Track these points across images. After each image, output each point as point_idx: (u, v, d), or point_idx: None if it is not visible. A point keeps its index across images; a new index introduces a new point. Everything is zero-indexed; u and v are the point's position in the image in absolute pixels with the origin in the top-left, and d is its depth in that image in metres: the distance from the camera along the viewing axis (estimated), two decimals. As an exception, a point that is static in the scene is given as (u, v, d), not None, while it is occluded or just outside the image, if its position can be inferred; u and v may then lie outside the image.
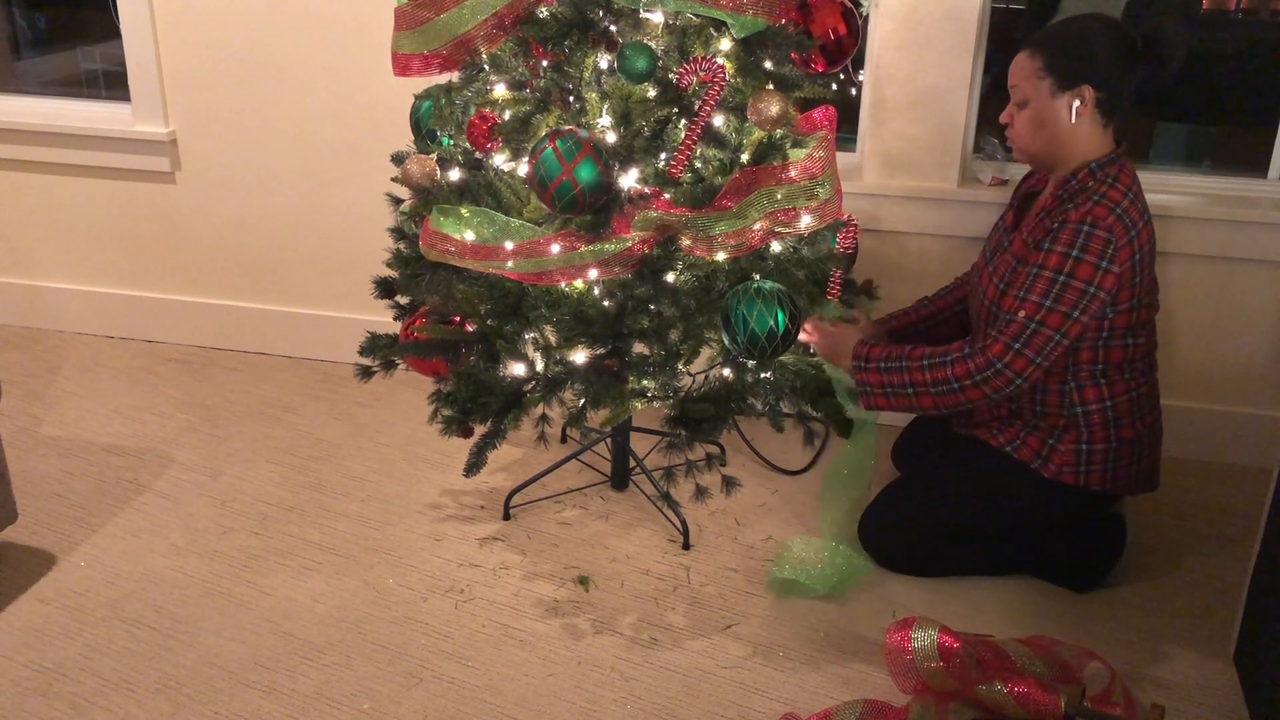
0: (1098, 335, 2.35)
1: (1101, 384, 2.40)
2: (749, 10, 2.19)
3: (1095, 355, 2.38)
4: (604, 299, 2.32)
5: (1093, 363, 2.38)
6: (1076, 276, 2.23)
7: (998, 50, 3.11)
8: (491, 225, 2.29)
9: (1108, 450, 2.42)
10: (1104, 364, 2.39)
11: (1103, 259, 2.23)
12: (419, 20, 2.33)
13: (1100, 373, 2.39)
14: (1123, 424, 2.42)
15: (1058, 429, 2.43)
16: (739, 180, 2.22)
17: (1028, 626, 2.45)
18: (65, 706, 2.18)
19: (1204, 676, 2.32)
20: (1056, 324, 2.25)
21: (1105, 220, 2.23)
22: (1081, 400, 2.40)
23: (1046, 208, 2.37)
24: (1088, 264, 2.23)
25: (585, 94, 2.26)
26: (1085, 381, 2.40)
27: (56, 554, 2.64)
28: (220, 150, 3.51)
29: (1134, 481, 2.48)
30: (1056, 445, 2.43)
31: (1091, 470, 2.43)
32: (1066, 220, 2.25)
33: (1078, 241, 2.22)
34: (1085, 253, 2.22)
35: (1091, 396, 2.40)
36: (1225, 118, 3.90)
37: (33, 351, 3.71)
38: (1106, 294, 2.26)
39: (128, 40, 3.44)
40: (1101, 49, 2.29)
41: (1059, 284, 2.24)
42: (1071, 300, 2.24)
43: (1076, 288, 2.23)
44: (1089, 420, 2.41)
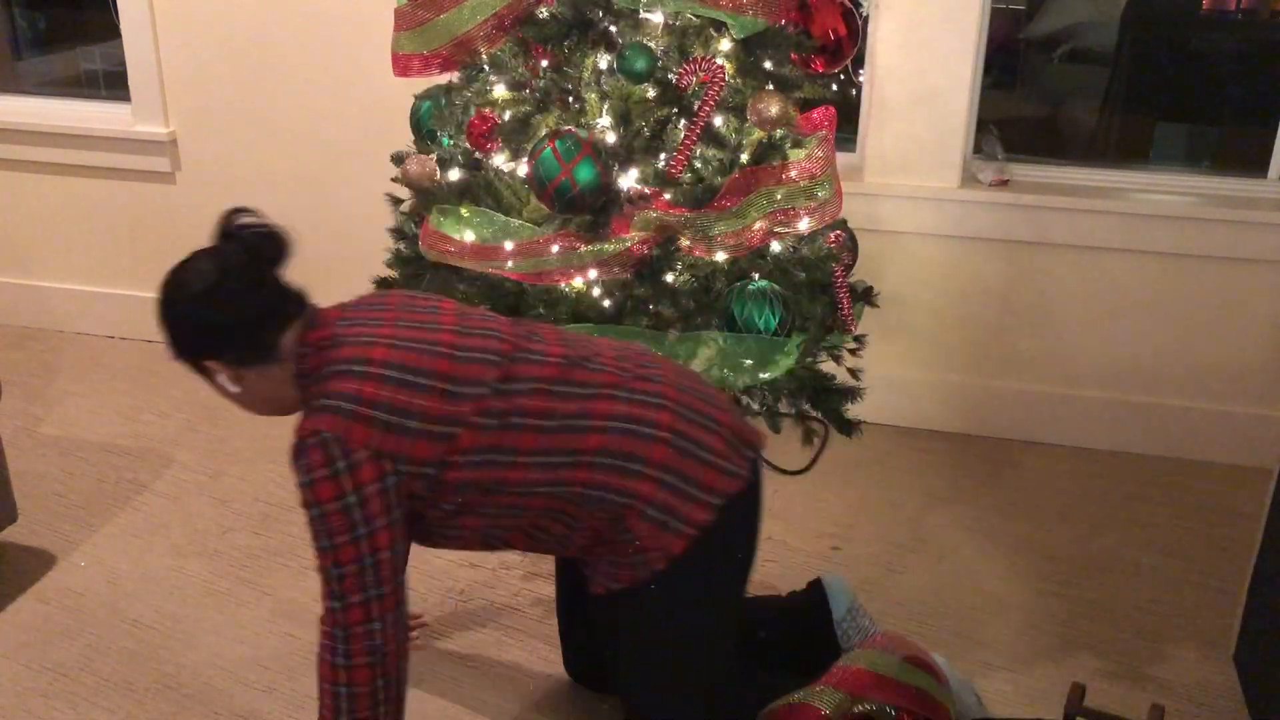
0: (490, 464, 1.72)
1: (563, 470, 1.75)
2: (749, 10, 2.18)
3: (515, 473, 1.74)
4: (603, 299, 2.32)
5: (526, 478, 1.74)
6: (321, 501, 1.64)
7: (998, 50, 3.12)
8: (491, 225, 2.28)
9: (656, 490, 1.77)
10: (541, 448, 1.74)
11: (333, 465, 1.64)
12: (419, 20, 2.33)
13: (545, 465, 1.75)
14: (632, 461, 1.76)
15: (608, 524, 1.80)
16: (739, 180, 2.22)
17: (1026, 626, 2.45)
18: (65, 706, 2.18)
19: (1204, 676, 2.32)
20: (351, 555, 1.65)
21: (322, 423, 1.65)
22: (578, 496, 1.77)
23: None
24: (323, 482, 1.64)
25: (585, 94, 2.26)
26: (551, 485, 1.76)
27: (56, 554, 2.64)
28: (220, 150, 3.51)
29: (728, 469, 1.82)
30: (630, 536, 1.79)
31: (674, 517, 1.78)
32: (293, 448, 1.69)
33: (300, 464, 1.65)
34: (312, 473, 1.64)
35: (585, 480, 1.75)
36: (1225, 118, 3.90)
37: (33, 351, 3.71)
38: (380, 484, 1.66)
39: (128, 40, 3.44)
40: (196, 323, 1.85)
41: (316, 519, 1.65)
42: (340, 524, 1.64)
43: (333, 510, 1.64)
44: (604, 498, 1.77)
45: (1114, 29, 4.06)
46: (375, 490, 1.65)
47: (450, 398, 1.69)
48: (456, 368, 1.72)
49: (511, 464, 1.73)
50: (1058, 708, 2.19)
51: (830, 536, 2.78)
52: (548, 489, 1.75)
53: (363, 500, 1.64)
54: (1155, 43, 4.00)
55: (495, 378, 1.73)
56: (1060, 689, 2.25)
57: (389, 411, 1.66)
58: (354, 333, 1.75)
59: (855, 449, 3.14)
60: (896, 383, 3.26)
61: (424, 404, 1.68)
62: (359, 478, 1.64)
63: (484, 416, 1.71)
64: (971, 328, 3.20)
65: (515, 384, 1.75)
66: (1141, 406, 3.16)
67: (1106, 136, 4.07)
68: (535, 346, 1.81)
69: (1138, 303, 3.08)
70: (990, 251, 3.11)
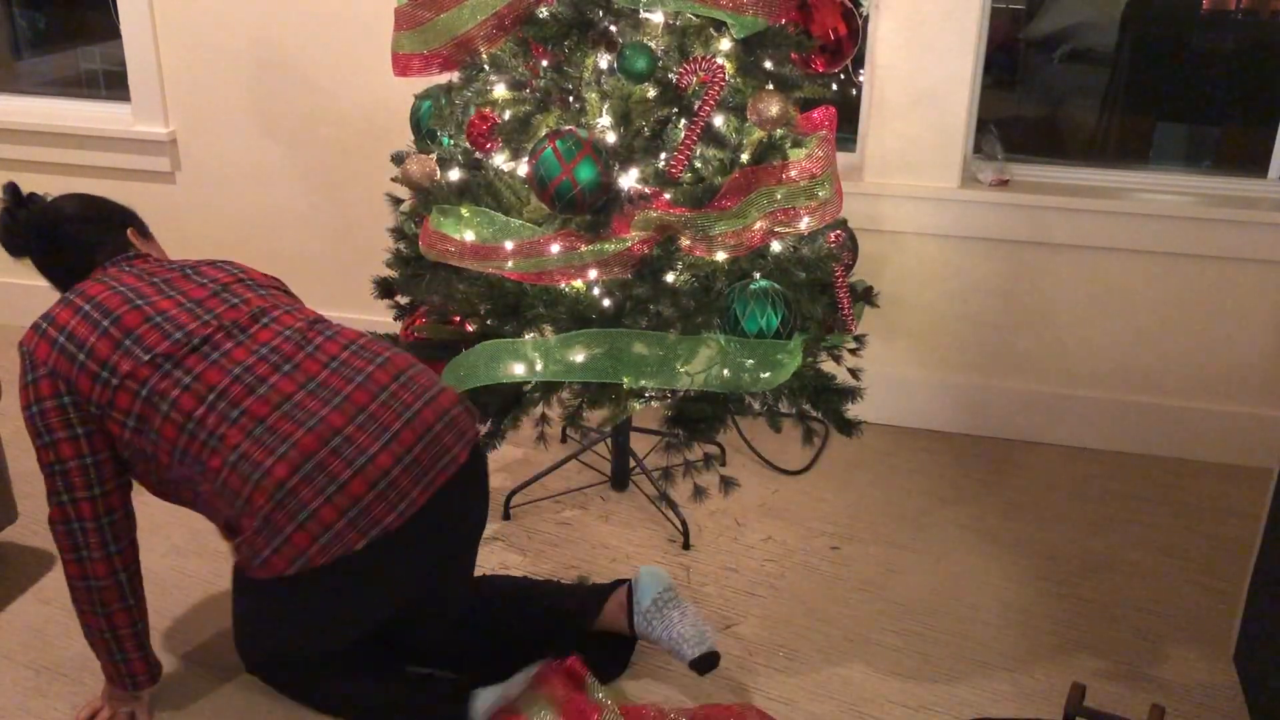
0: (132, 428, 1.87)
1: (195, 474, 1.88)
2: (749, 10, 2.18)
3: (157, 442, 1.87)
4: (603, 299, 2.32)
5: (172, 451, 1.87)
6: (21, 407, 1.91)
7: (998, 50, 3.12)
8: (491, 225, 2.28)
9: (252, 528, 1.86)
10: (179, 447, 1.86)
11: (25, 376, 1.89)
12: (419, 20, 2.33)
13: (180, 462, 1.87)
14: (238, 497, 1.84)
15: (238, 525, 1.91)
16: (739, 180, 2.22)
17: (1026, 627, 2.45)
18: (65, 706, 2.18)
19: (1204, 676, 2.32)
20: (43, 460, 1.91)
21: (26, 338, 1.92)
22: (206, 496, 1.91)
23: None
24: (20, 390, 1.91)
25: (585, 94, 2.26)
26: (185, 480, 1.91)
27: (56, 554, 2.63)
28: (220, 150, 3.51)
29: (333, 544, 1.84)
30: (248, 541, 1.89)
31: (261, 557, 1.86)
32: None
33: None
34: (15, 382, 1.91)
35: (207, 492, 1.89)
36: (1225, 118, 3.90)
37: (33, 351, 3.71)
38: (56, 401, 1.87)
39: (128, 40, 3.44)
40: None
41: (25, 422, 1.91)
42: (31, 430, 1.90)
43: (26, 417, 1.90)
44: (221, 509, 1.92)
45: (1114, 29, 4.05)
46: (51, 405, 1.86)
47: (118, 349, 1.84)
48: (139, 326, 1.85)
49: (155, 444, 1.85)
50: (1058, 708, 2.19)
51: (830, 536, 2.78)
52: (185, 482, 1.90)
53: (42, 412, 1.87)
54: (1155, 43, 4.00)
55: (163, 351, 1.84)
56: (1060, 689, 2.25)
57: (67, 339, 1.87)
58: (113, 273, 1.97)
59: (855, 449, 3.14)
60: (896, 383, 3.27)
61: (95, 343, 1.85)
62: (39, 391, 1.87)
63: (134, 382, 1.83)
64: (971, 328, 3.20)
65: (179, 371, 1.84)
66: (1141, 406, 3.16)
67: (1106, 136, 4.07)
68: (237, 349, 1.88)
69: (1138, 303, 3.08)
70: (990, 251, 3.11)
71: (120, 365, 1.84)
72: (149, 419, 1.85)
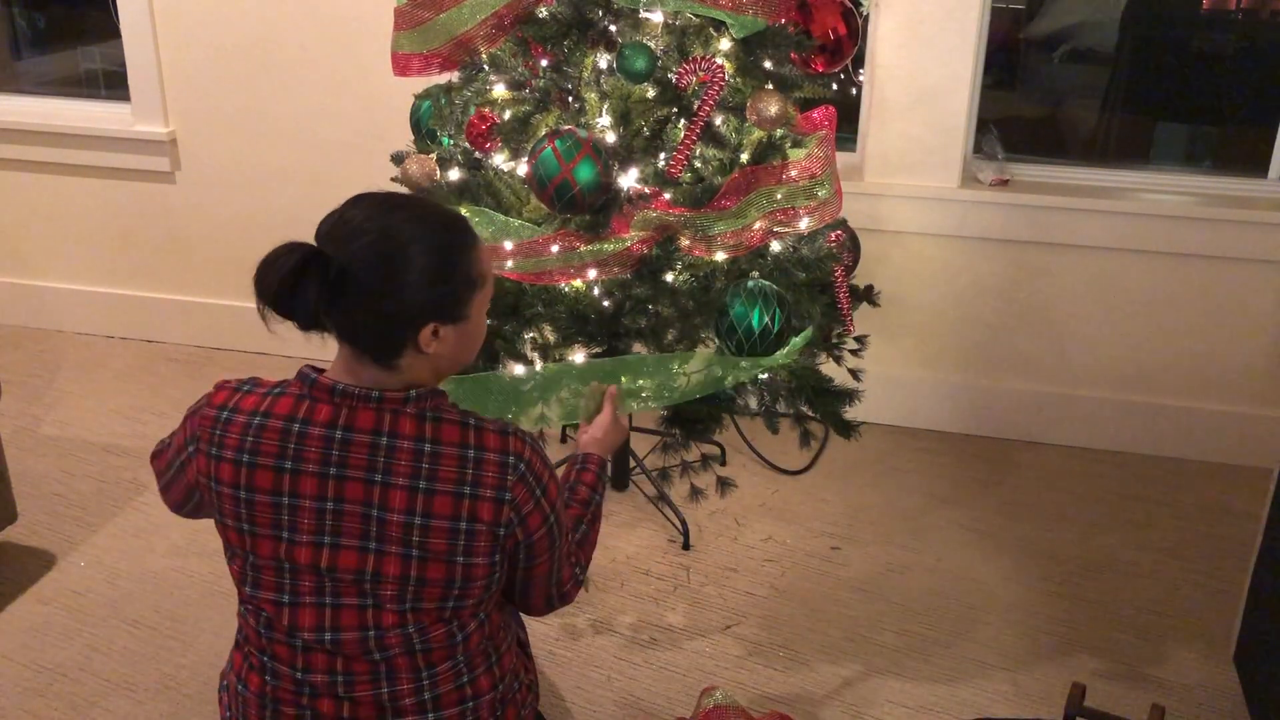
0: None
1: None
2: (749, 10, 2.18)
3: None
4: (603, 299, 2.32)
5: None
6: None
7: (998, 50, 3.12)
8: (491, 225, 2.28)
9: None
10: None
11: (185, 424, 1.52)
12: (419, 20, 2.33)
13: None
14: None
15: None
16: (738, 180, 2.22)
17: (1026, 627, 2.45)
18: (65, 706, 2.18)
19: (1204, 676, 2.32)
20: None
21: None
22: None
23: None
24: (180, 426, 1.56)
25: (584, 94, 2.26)
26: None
27: (56, 554, 2.64)
28: (220, 150, 3.51)
29: None
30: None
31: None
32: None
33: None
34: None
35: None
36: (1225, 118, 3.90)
37: (33, 351, 3.71)
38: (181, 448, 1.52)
39: (128, 40, 3.43)
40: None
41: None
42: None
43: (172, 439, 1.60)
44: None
45: (1114, 29, 4.05)
46: (177, 445, 1.55)
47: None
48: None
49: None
50: (1058, 708, 2.19)
51: (830, 536, 2.78)
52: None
53: (171, 443, 1.58)
54: (1155, 43, 4.00)
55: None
56: (1060, 689, 2.25)
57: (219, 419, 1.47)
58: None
59: (855, 449, 3.14)
60: (896, 383, 3.26)
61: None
62: (182, 430, 1.53)
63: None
64: (971, 328, 3.20)
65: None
66: (1141, 406, 3.16)
67: (1106, 136, 4.07)
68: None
69: (1138, 303, 3.08)
70: (990, 251, 3.11)
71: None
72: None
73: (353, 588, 1.42)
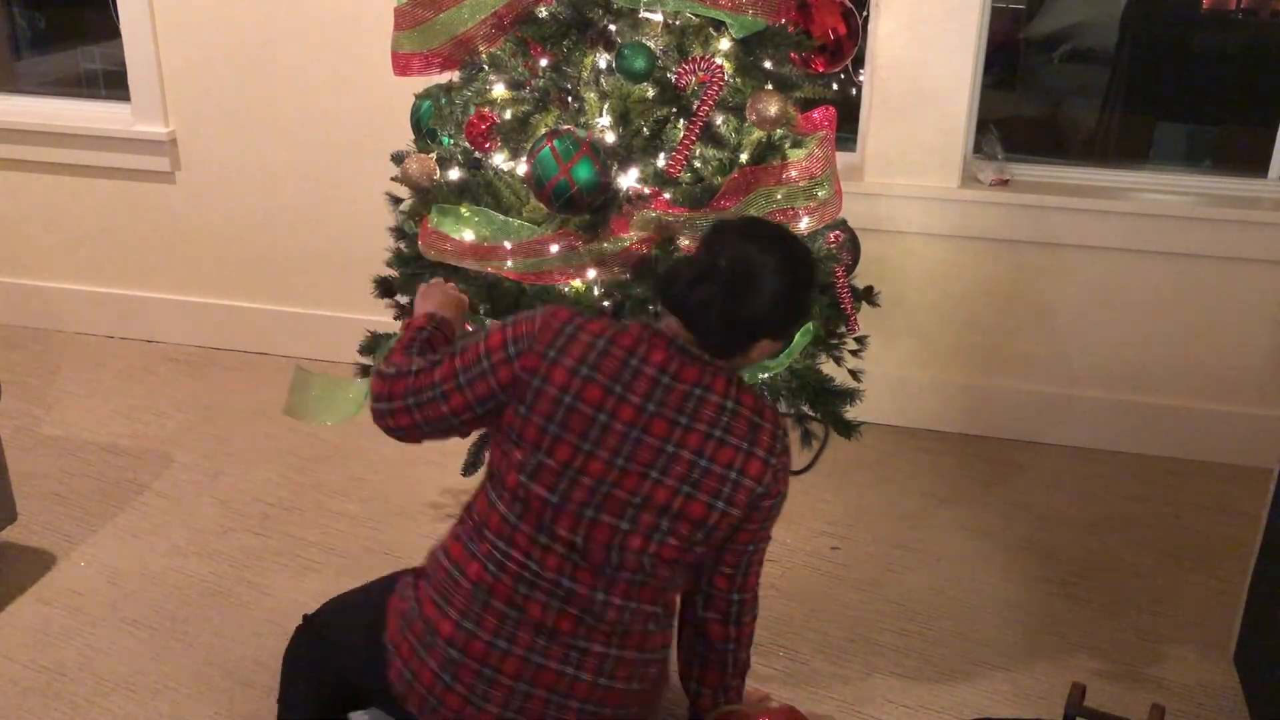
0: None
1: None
2: (748, 10, 2.18)
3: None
4: (602, 299, 2.32)
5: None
6: (482, 334, 1.75)
7: (998, 50, 3.12)
8: (490, 225, 2.28)
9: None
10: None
11: (505, 331, 1.71)
12: (419, 20, 2.33)
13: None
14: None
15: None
16: (738, 180, 2.22)
17: (1026, 627, 2.45)
18: (65, 706, 2.18)
19: (1204, 676, 2.32)
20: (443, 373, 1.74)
21: (547, 311, 1.73)
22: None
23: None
24: (498, 331, 1.72)
25: (584, 93, 2.26)
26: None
27: (56, 554, 2.64)
28: (220, 150, 3.51)
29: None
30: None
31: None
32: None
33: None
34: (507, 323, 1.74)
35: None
36: (1225, 118, 3.90)
37: (33, 351, 3.71)
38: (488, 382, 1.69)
39: (128, 40, 3.44)
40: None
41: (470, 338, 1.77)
42: (465, 359, 1.73)
43: (472, 347, 1.74)
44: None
45: (1114, 29, 4.06)
46: (490, 346, 1.70)
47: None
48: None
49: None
50: (1058, 708, 2.19)
51: (830, 536, 2.78)
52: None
53: (472, 348, 1.71)
54: (1155, 43, 4.00)
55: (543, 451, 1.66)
56: (1060, 689, 2.25)
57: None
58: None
59: (855, 449, 3.14)
60: (897, 383, 3.26)
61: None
62: (500, 335, 1.70)
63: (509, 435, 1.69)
64: (972, 328, 3.20)
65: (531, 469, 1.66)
66: (1141, 406, 3.16)
67: (1106, 136, 4.07)
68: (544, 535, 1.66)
69: (1138, 303, 3.08)
70: (990, 251, 3.11)
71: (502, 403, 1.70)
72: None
73: (618, 508, 1.63)
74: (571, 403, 1.63)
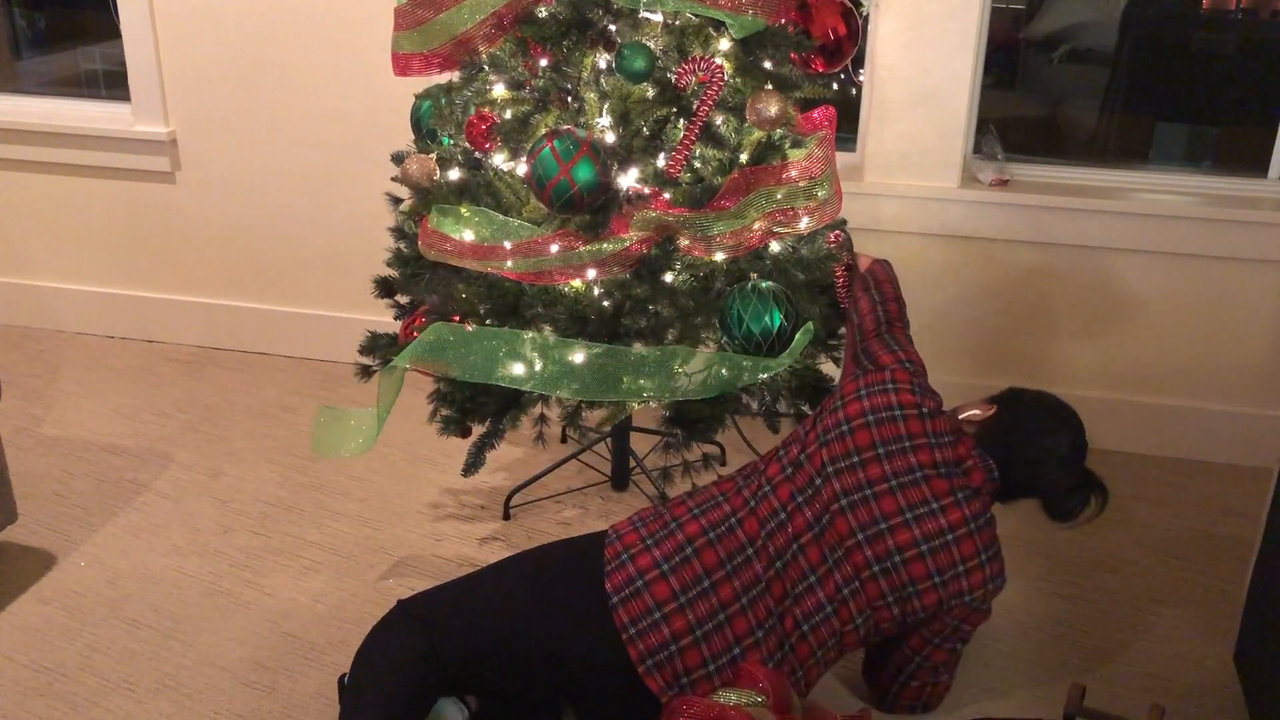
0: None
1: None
2: (748, 10, 2.18)
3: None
4: (602, 299, 2.32)
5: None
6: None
7: (998, 50, 3.12)
8: (490, 225, 2.28)
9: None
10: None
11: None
12: (419, 20, 2.33)
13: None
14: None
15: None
16: (738, 180, 2.22)
17: (1026, 627, 2.45)
18: (65, 706, 2.18)
19: (1204, 676, 2.32)
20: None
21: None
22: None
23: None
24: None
25: (584, 94, 2.26)
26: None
27: (56, 554, 2.64)
28: (220, 150, 3.51)
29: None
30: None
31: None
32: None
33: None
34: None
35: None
36: (1225, 118, 3.90)
37: (33, 351, 3.71)
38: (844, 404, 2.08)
39: (128, 40, 3.44)
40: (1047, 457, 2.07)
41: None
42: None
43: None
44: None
45: (1114, 29, 4.06)
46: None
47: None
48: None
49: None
50: (1058, 708, 2.19)
51: (830, 536, 2.78)
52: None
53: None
54: (1155, 43, 4.00)
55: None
56: (1060, 689, 2.25)
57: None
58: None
59: (855, 449, 3.14)
60: (896, 383, 3.26)
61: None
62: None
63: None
64: (971, 328, 3.20)
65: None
66: (1141, 406, 3.16)
67: (1106, 136, 4.07)
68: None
69: (1138, 303, 3.08)
70: (990, 251, 3.11)
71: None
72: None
73: (848, 511, 1.95)
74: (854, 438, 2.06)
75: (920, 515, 1.93)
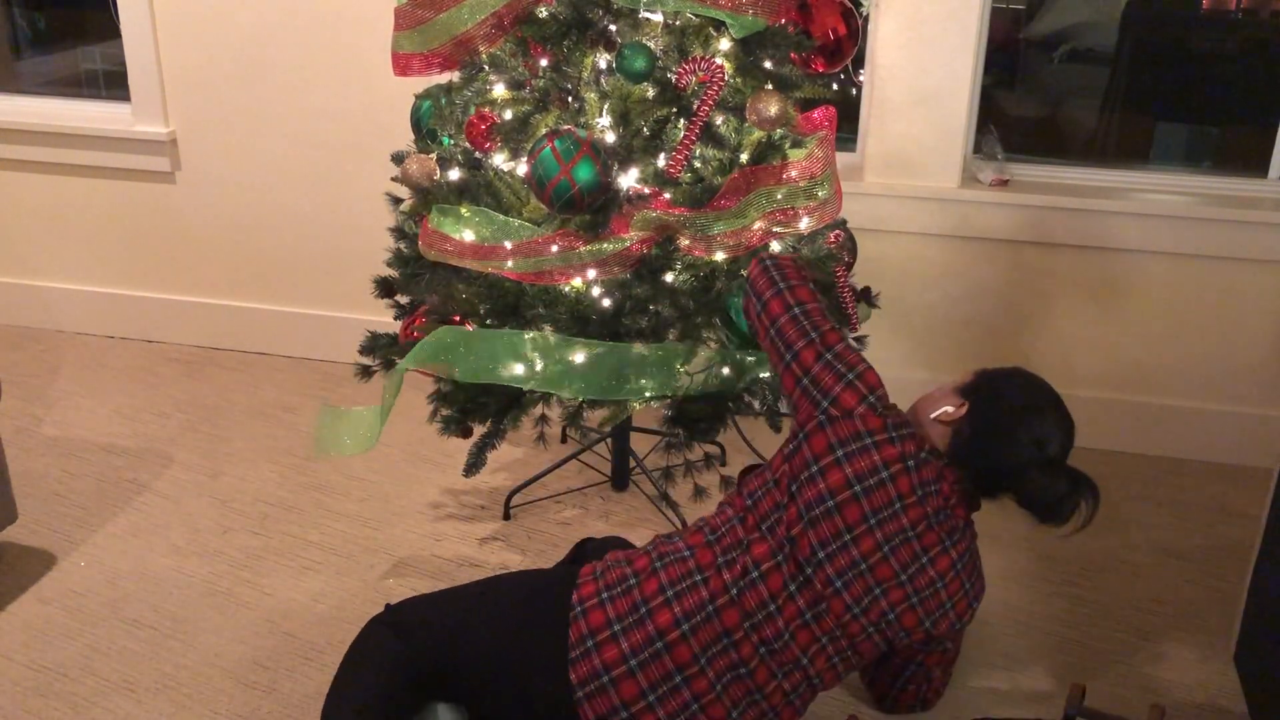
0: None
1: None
2: (749, 10, 2.18)
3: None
4: (603, 299, 2.32)
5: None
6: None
7: (998, 50, 3.12)
8: (491, 225, 2.29)
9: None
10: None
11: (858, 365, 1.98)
12: (419, 20, 2.33)
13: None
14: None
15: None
16: (738, 180, 2.22)
17: (1026, 627, 2.45)
18: (65, 706, 2.18)
19: (1204, 676, 2.32)
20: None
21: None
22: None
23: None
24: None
25: (584, 94, 2.26)
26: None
27: (56, 554, 2.64)
28: (220, 150, 3.51)
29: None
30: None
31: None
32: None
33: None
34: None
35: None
36: (1225, 118, 3.90)
37: (33, 351, 3.71)
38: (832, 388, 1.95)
39: (128, 40, 3.44)
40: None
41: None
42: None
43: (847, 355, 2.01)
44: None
45: (1114, 29, 4.06)
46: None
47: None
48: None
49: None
50: (1058, 708, 2.19)
51: (830, 536, 2.78)
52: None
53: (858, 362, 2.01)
54: (1155, 43, 4.00)
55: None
56: (1060, 689, 2.25)
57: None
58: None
59: (855, 449, 3.14)
60: (896, 383, 3.25)
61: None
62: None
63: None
64: (972, 328, 3.20)
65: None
66: (1141, 406, 3.16)
67: (1106, 136, 4.07)
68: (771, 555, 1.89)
69: (1137, 302, 3.08)
70: (990, 251, 3.11)
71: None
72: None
73: (843, 591, 1.85)
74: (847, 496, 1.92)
75: (913, 573, 1.86)
